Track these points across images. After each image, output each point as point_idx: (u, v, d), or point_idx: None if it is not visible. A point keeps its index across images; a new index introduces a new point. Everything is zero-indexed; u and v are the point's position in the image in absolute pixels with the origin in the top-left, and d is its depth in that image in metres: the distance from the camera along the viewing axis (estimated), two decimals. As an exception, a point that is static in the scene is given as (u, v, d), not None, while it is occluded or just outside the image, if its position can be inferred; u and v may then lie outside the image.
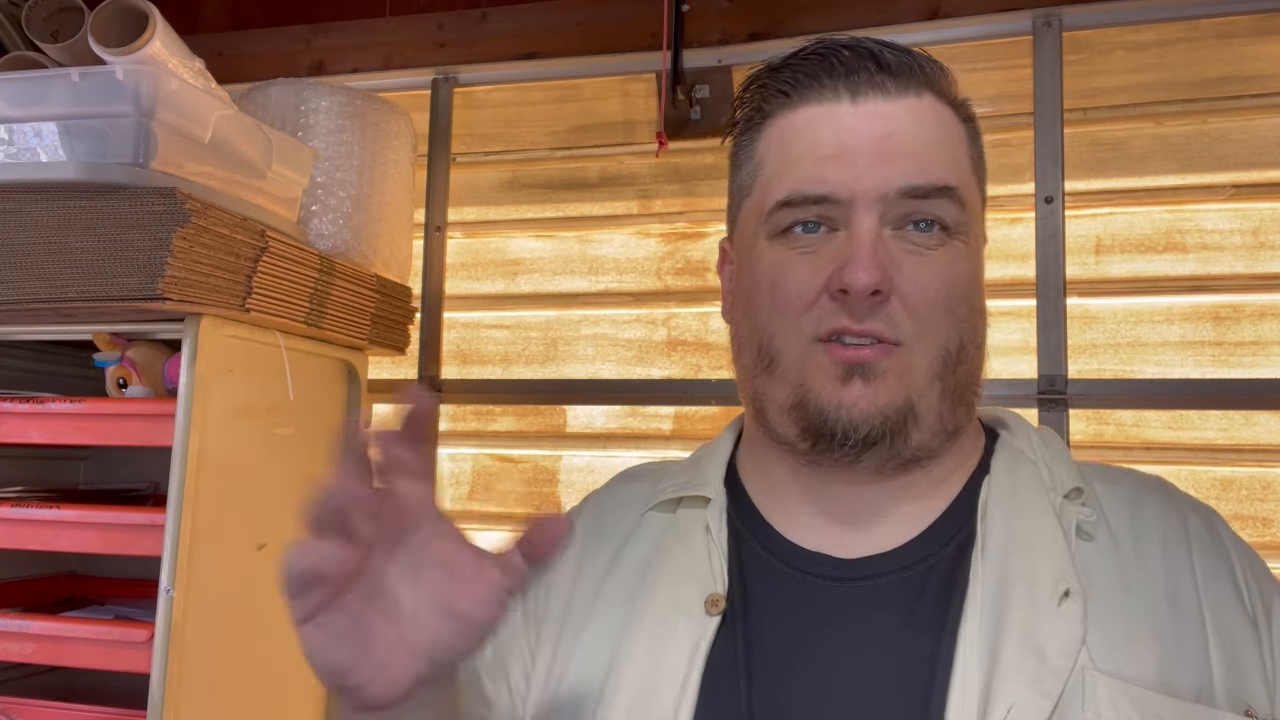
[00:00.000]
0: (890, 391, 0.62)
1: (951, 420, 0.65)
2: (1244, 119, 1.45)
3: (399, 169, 1.64)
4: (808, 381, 0.63)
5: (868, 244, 0.62)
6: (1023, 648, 0.58)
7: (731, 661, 0.62)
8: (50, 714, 1.23)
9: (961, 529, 0.65)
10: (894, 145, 0.63)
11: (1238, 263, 1.44)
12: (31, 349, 1.54)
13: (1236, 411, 1.42)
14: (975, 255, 0.67)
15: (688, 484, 0.72)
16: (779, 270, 0.65)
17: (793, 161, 0.65)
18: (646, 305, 1.70)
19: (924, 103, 0.66)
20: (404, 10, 1.83)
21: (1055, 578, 0.61)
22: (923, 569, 0.64)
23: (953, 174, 0.65)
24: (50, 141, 1.16)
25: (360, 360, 1.60)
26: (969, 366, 0.66)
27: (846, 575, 0.65)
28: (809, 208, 0.64)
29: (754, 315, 0.67)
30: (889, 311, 0.62)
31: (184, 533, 1.17)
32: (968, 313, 0.65)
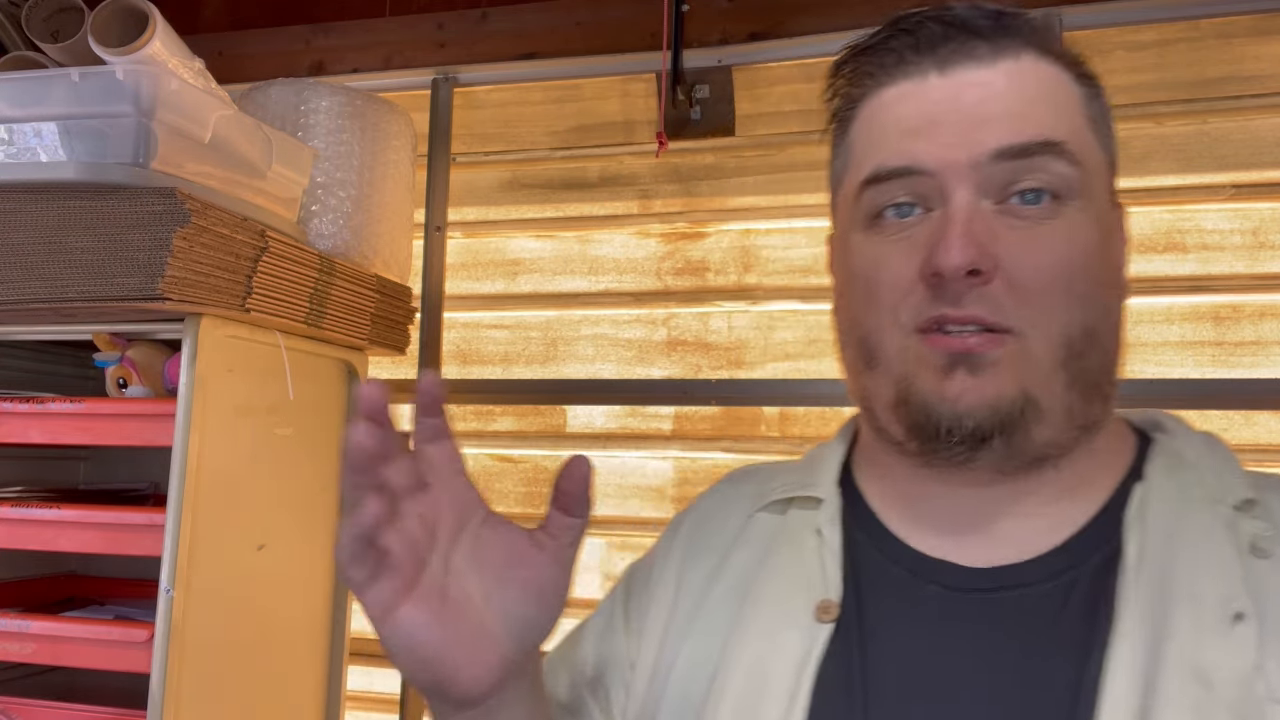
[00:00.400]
0: (1001, 383, 0.55)
1: (1084, 414, 0.58)
2: (1244, 119, 1.45)
3: (399, 169, 1.64)
4: (910, 376, 0.57)
5: (960, 220, 0.55)
6: (1185, 674, 0.51)
7: (845, 674, 0.57)
8: (50, 714, 1.23)
9: (1109, 540, 0.58)
10: (986, 109, 0.57)
11: (1238, 263, 1.44)
12: (31, 349, 1.54)
13: (1236, 411, 1.42)
14: (1101, 223, 0.59)
15: (799, 484, 0.67)
16: (871, 261, 0.59)
17: (878, 139, 0.60)
18: (646, 305, 1.70)
19: (1023, 64, 0.59)
20: (404, 10, 1.83)
21: (1224, 597, 0.53)
22: (1064, 582, 0.57)
23: (1058, 128, 0.57)
24: (50, 141, 1.16)
25: (360, 360, 1.60)
26: (1102, 353, 0.59)
27: (976, 586, 0.58)
28: (895, 183, 0.58)
29: (851, 311, 0.62)
30: (993, 294, 0.55)
31: (184, 533, 1.17)
32: (1094, 291, 0.57)
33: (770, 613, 0.61)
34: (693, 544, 0.70)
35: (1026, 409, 0.56)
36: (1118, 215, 0.64)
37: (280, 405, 1.38)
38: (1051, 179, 0.56)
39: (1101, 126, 0.62)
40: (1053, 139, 0.56)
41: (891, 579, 0.60)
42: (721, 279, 1.66)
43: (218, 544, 1.24)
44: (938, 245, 0.55)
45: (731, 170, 1.66)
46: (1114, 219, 0.62)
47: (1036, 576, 0.57)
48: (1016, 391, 0.55)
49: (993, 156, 0.56)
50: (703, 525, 0.71)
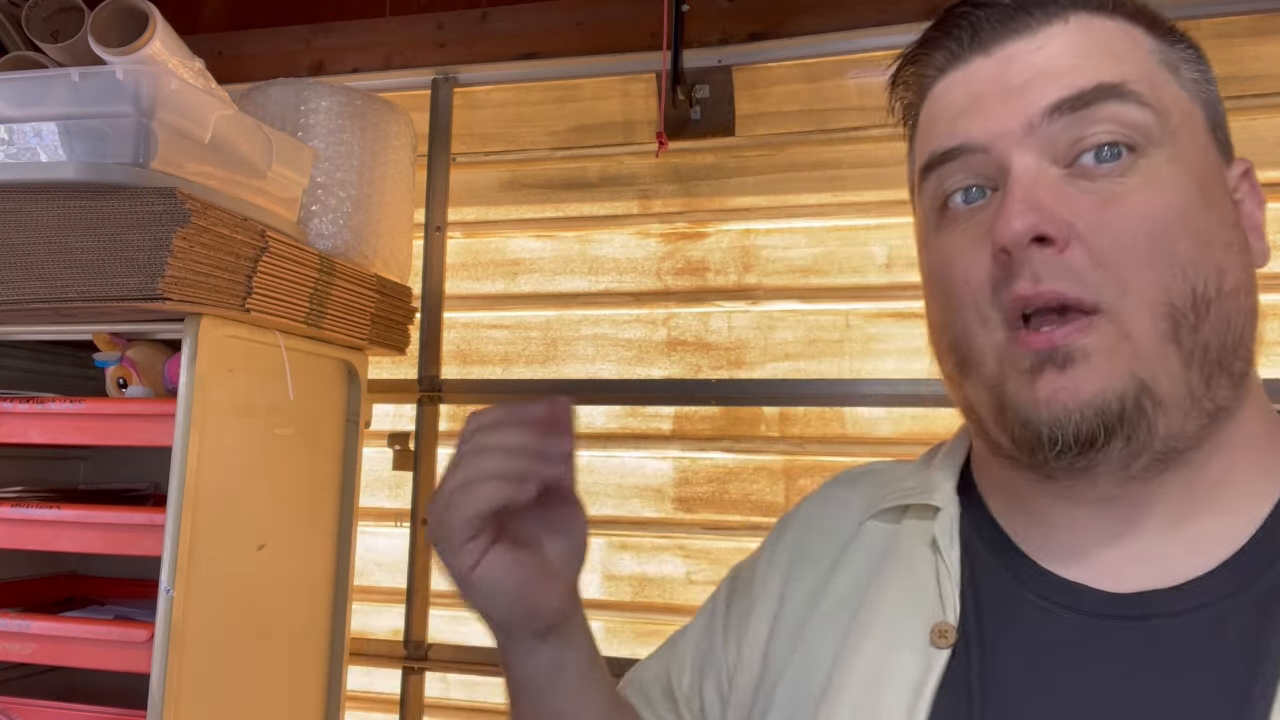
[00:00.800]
0: (1099, 376, 0.48)
1: (1208, 396, 0.50)
2: (1244, 119, 1.45)
3: (399, 169, 1.64)
4: (1003, 379, 0.52)
5: (1019, 187, 0.50)
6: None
7: (963, 706, 0.52)
8: (50, 714, 1.23)
9: (1274, 562, 0.50)
10: (1033, 70, 0.52)
11: (1238, 263, 1.44)
12: (31, 349, 1.54)
13: (1236, 411, 1.42)
14: (1196, 173, 0.52)
15: (914, 490, 0.61)
16: (942, 259, 0.55)
17: (929, 130, 0.57)
18: (646, 305, 1.70)
19: (1072, 25, 0.54)
20: (404, 10, 1.83)
21: None
22: (1221, 610, 0.49)
23: (1118, 70, 0.52)
24: (50, 141, 1.16)
25: (360, 360, 1.60)
26: (1220, 322, 0.50)
27: (1114, 613, 0.51)
28: (951, 165, 0.54)
29: (936, 316, 0.57)
30: (1072, 264, 0.49)
31: (184, 533, 1.17)
32: (1197, 251, 0.50)
33: (884, 632, 0.56)
34: (799, 551, 0.65)
35: (1141, 397, 0.48)
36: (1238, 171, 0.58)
37: (280, 405, 1.38)
38: (1122, 128, 0.51)
39: (1187, 71, 0.56)
40: (1110, 81, 0.51)
41: (1017, 600, 0.54)
42: (721, 279, 1.66)
43: (218, 544, 1.24)
44: (996, 218, 0.50)
45: (731, 170, 1.67)
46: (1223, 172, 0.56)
47: (1189, 604, 0.50)
48: (1122, 382, 0.48)
49: (1047, 113, 0.51)
50: (809, 531, 0.66)
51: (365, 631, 1.74)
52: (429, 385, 1.75)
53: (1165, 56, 0.56)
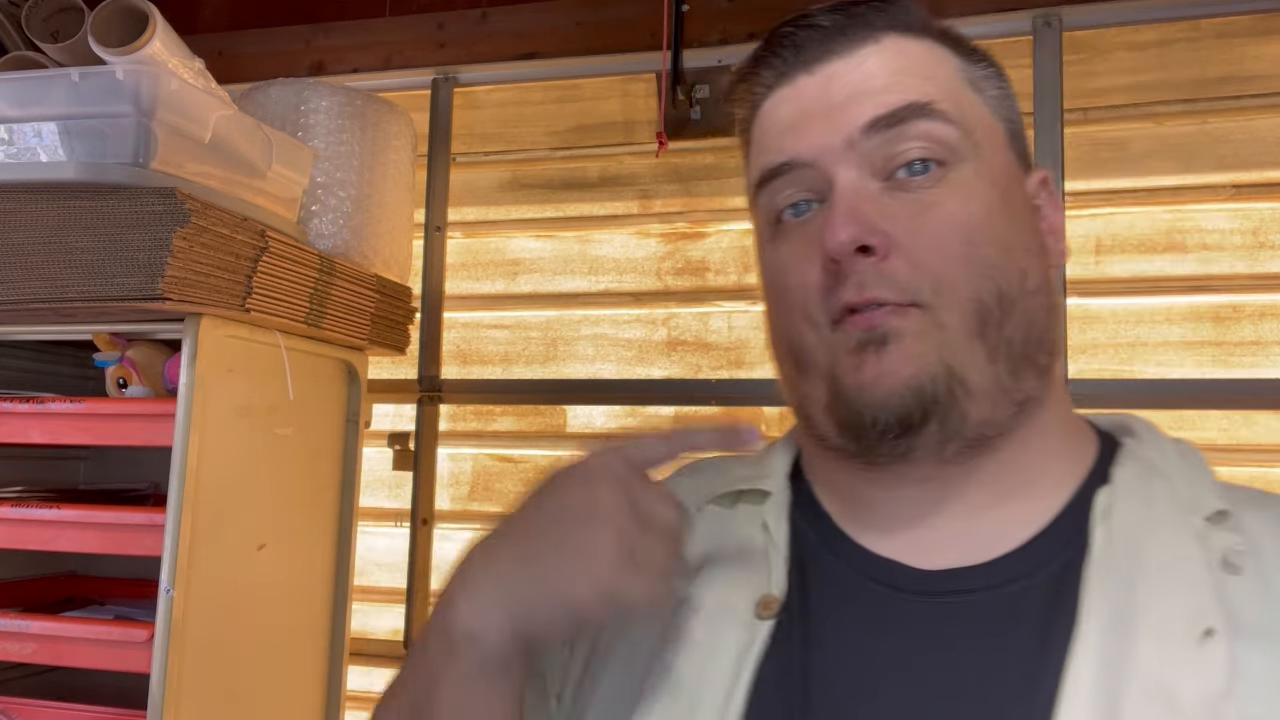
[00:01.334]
0: (913, 359, 0.53)
1: (1017, 387, 0.55)
2: (1244, 119, 1.45)
3: (399, 169, 1.64)
4: (834, 368, 0.56)
5: (842, 199, 0.54)
6: (1150, 694, 0.48)
7: (785, 674, 0.55)
8: (50, 714, 1.23)
9: (1068, 545, 0.55)
10: (851, 88, 0.57)
11: (1238, 263, 1.44)
12: (31, 349, 1.54)
13: (1236, 411, 1.42)
14: (999, 183, 0.57)
15: (747, 478, 0.65)
16: (777, 268, 0.59)
17: (759, 146, 0.61)
18: (646, 305, 1.70)
19: (884, 44, 0.59)
20: (404, 10, 1.83)
21: (1194, 613, 0.50)
22: (1018, 589, 0.54)
23: (927, 90, 0.57)
24: (50, 141, 1.16)
25: (360, 360, 1.60)
26: (1023, 319, 0.55)
27: (926, 589, 0.55)
28: (780, 181, 0.58)
29: (772, 321, 0.61)
30: (893, 272, 0.53)
31: (184, 533, 1.17)
32: (1001, 255, 0.55)
33: (711, 606, 0.58)
34: None
35: (952, 384, 0.53)
36: (1036, 180, 0.62)
37: (280, 405, 1.38)
38: (931, 144, 0.55)
39: (989, 89, 0.61)
40: (919, 100, 0.56)
41: (838, 577, 0.58)
42: (721, 279, 1.66)
43: (218, 544, 1.24)
44: (823, 230, 0.54)
45: (731, 170, 1.66)
46: (1023, 182, 0.60)
47: (989, 581, 0.55)
48: (935, 366, 0.53)
49: (864, 130, 0.55)
50: None
51: (365, 631, 1.74)
52: (429, 385, 1.75)
53: (969, 75, 0.60)
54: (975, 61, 0.61)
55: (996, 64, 0.62)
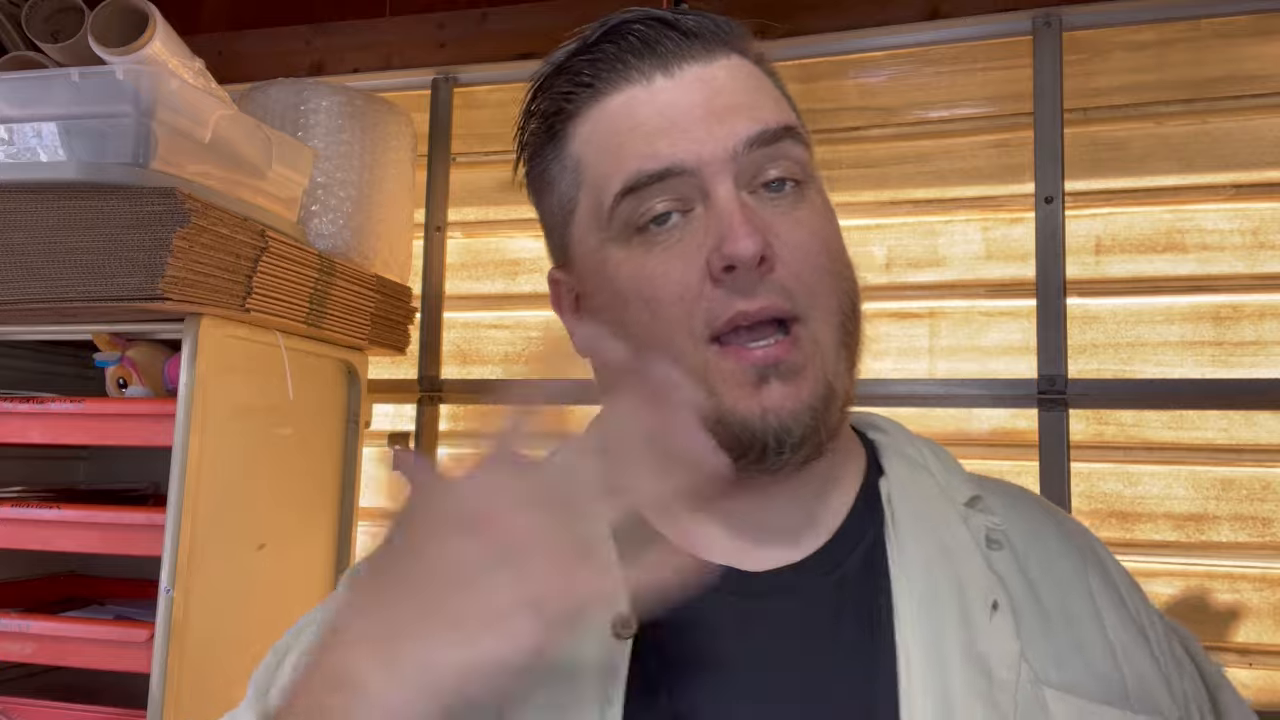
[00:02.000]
0: (810, 382, 0.55)
1: (850, 391, 0.59)
2: (1244, 119, 1.45)
3: (399, 169, 1.64)
4: (717, 394, 0.54)
5: (738, 209, 0.54)
6: (969, 666, 0.53)
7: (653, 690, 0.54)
8: (50, 714, 1.23)
9: (868, 530, 0.59)
10: (724, 102, 0.57)
11: (1238, 263, 1.44)
12: (31, 349, 1.54)
13: (1236, 411, 1.42)
14: (830, 209, 0.61)
15: None
16: (646, 279, 0.56)
17: (620, 146, 0.58)
18: (646, 305, 1.69)
19: (734, 61, 0.60)
20: (404, 10, 1.83)
21: (981, 587, 0.56)
22: (837, 578, 0.57)
23: (788, 114, 0.60)
24: (50, 141, 1.16)
25: (360, 360, 1.60)
26: (859, 333, 0.59)
27: (756, 591, 0.57)
28: (655, 188, 0.56)
29: (631, 334, 0.57)
30: (779, 281, 0.54)
31: (184, 533, 1.17)
32: (848, 270, 0.59)
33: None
34: None
35: (830, 398, 0.56)
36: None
37: (280, 405, 1.38)
38: (792, 165, 0.57)
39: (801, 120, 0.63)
40: (790, 124, 0.58)
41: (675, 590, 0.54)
42: (721, 279, 1.66)
43: (218, 544, 1.24)
44: (725, 238, 0.53)
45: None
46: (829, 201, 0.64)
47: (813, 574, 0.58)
48: (823, 383, 0.55)
49: (747, 145, 0.56)
50: None
51: (365, 631, 1.74)
52: (429, 385, 1.75)
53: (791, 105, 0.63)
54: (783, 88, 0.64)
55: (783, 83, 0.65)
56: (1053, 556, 0.60)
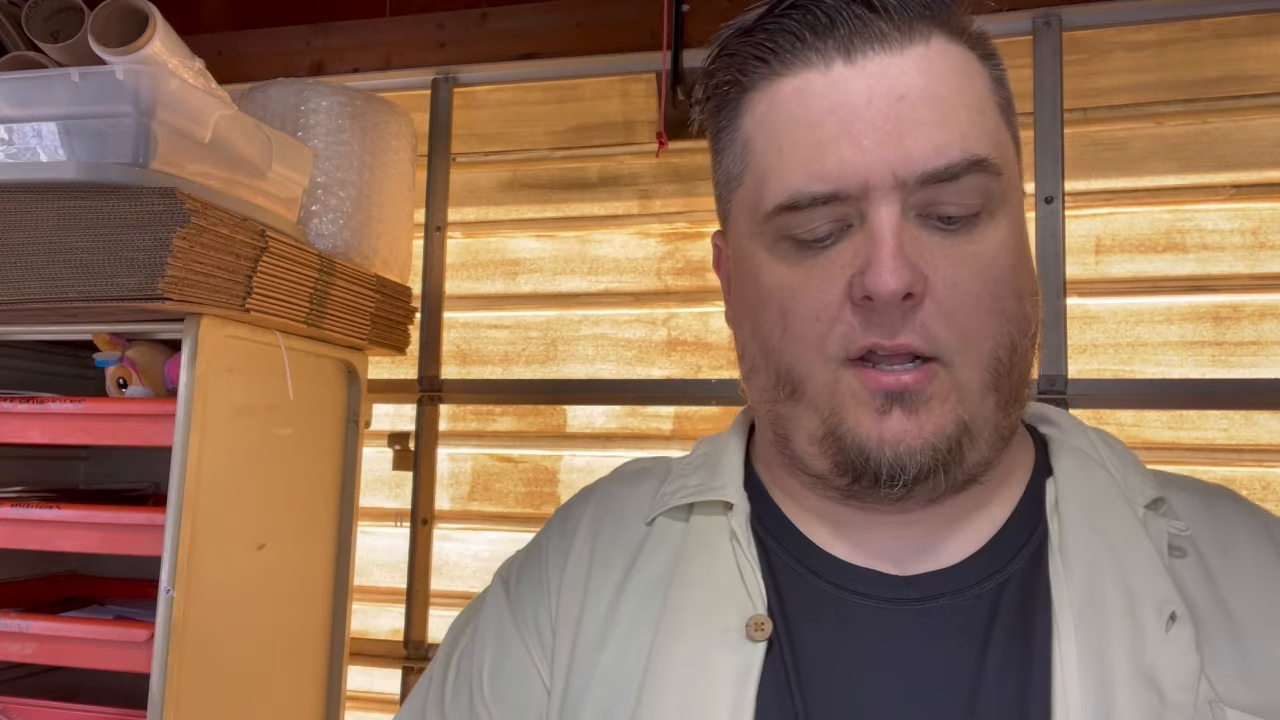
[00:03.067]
0: (938, 419, 0.52)
1: (1007, 426, 0.55)
2: (1244, 119, 1.45)
3: (399, 169, 1.64)
4: (840, 411, 0.53)
5: (890, 240, 0.50)
6: (1137, 682, 0.49)
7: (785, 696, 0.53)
8: (50, 714, 1.23)
9: (1032, 535, 0.56)
10: (906, 113, 0.51)
11: (1238, 263, 1.44)
12: (31, 349, 1.54)
13: (1236, 411, 1.42)
14: (1019, 225, 0.55)
15: (702, 487, 0.62)
16: (788, 289, 0.54)
17: (787, 149, 0.53)
18: (646, 305, 1.70)
19: (934, 49, 0.53)
20: (404, 10, 1.83)
21: (1158, 599, 0.51)
22: (994, 585, 0.55)
23: (983, 139, 0.53)
24: (50, 141, 1.16)
25: (360, 360, 1.60)
26: (1023, 365, 0.55)
27: (904, 596, 0.55)
28: (817, 210, 0.52)
29: (765, 339, 0.56)
30: (924, 320, 0.51)
31: (184, 533, 1.17)
32: (1016, 304, 0.54)
33: (695, 629, 0.56)
34: (597, 547, 0.63)
35: (963, 438, 0.53)
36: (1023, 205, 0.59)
37: (280, 405, 1.38)
38: (980, 199, 0.52)
39: (1010, 112, 0.58)
40: (978, 155, 0.52)
41: (814, 590, 0.56)
42: (721, 279, 1.66)
43: (218, 544, 1.24)
44: (869, 268, 0.50)
45: (731, 170, 1.66)
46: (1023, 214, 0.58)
47: (965, 581, 0.55)
48: (954, 426, 0.52)
49: (919, 181, 0.51)
50: (603, 528, 0.65)
51: (365, 631, 1.74)
52: (429, 385, 1.75)
53: (999, 95, 0.57)
54: (1000, 77, 0.57)
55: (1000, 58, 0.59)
56: (1249, 562, 0.55)
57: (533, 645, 0.62)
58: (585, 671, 0.58)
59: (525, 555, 0.68)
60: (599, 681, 0.57)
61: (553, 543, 0.66)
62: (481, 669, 0.63)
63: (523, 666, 0.61)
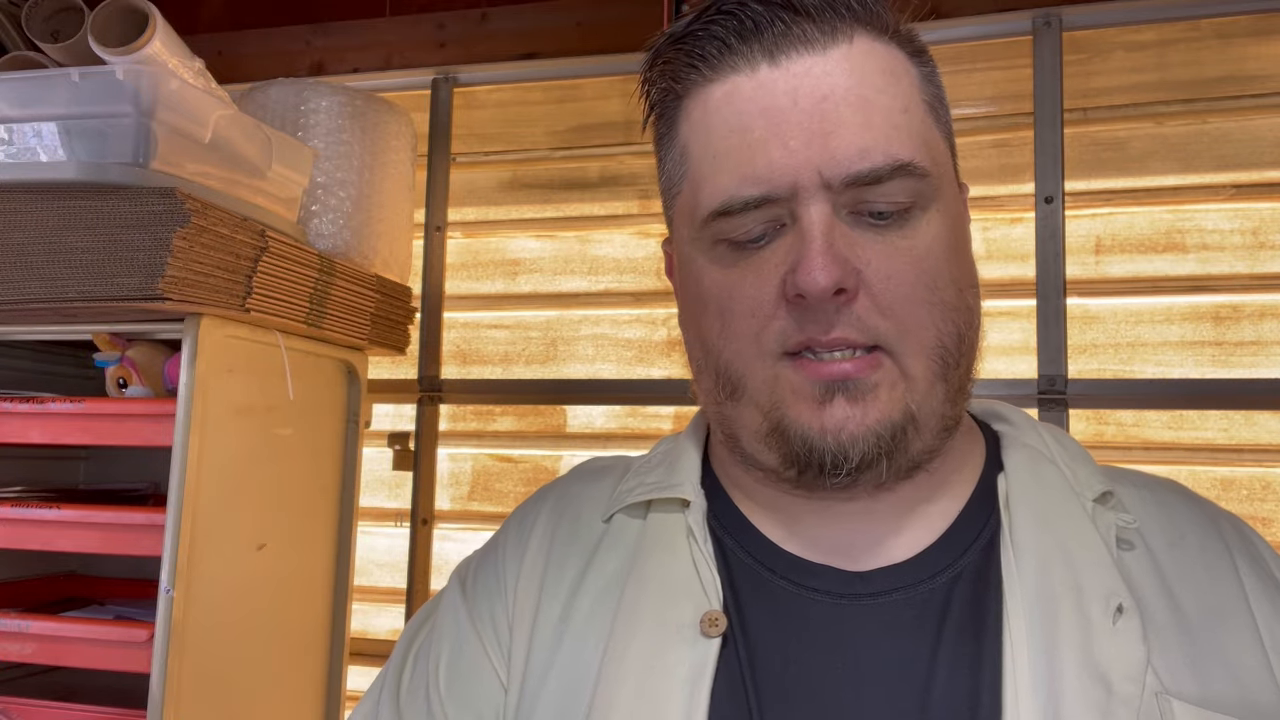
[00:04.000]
0: (884, 407, 0.52)
1: (952, 416, 0.56)
2: (1244, 119, 1.45)
3: (399, 169, 1.63)
4: (781, 406, 0.54)
5: (820, 238, 0.51)
6: (1085, 675, 0.50)
7: (739, 692, 0.53)
8: (50, 714, 1.23)
9: (982, 530, 0.57)
10: (830, 113, 0.52)
11: (1238, 263, 1.44)
12: (31, 349, 1.54)
13: (1236, 411, 1.42)
14: (952, 219, 0.56)
15: (659, 485, 0.63)
16: (724, 288, 0.55)
17: (720, 154, 0.54)
18: (646, 305, 1.69)
19: (857, 49, 0.54)
20: (404, 10, 1.83)
21: (1106, 590, 0.52)
22: (946, 579, 0.55)
23: (907, 141, 0.53)
24: (50, 141, 1.16)
25: (360, 360, 1.60)
26: (970, 356, 0.56)
27: (858, 591, 0.56)
28: (749, 214, 0.53)
29: (706, 339, 0.57)
30: (858, 313, 0.52)
31: (184, 533, 1.17)
32: (956, 295, 0.54)
33: (650, 625, 0.56)
34: (554, 545, 0.64)
35: (909, 427, 0.53)
36: (962, 199, 0.60)
37: (280, 405, 1.38)
38: (906, 196, 0.53)
39: (939, 108, 0.58)
40: (901, 159, 0.52)
41: (770, 587, 0.57)
42: (721, 279, 1.66)
43: (218, 544, 1.24)
44: (799, 266, 0.51)
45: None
46: (960, 206, 0.58)
47: (917, 576, 0.56)
48: (900, 412, 0.53)
49: (844, 184, 0.52)
50: (560, 525, 0.65)
51: (365, 631, 1.74)
52: (429, 385, 1.75)
53: (927, 93, 0.57)
54: (929, 73, 0.58)
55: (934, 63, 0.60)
56: (1197, 553, 0.56)
57: (489, 642, 0.62)
58: (541, 668, 0.58)
59: (482, 554, 0.68)
60: (555, 678, 0.57)
61: (510, 540, 0.66)
62: (438, 666, 0.62)
63: (479, 664, 0.61)
